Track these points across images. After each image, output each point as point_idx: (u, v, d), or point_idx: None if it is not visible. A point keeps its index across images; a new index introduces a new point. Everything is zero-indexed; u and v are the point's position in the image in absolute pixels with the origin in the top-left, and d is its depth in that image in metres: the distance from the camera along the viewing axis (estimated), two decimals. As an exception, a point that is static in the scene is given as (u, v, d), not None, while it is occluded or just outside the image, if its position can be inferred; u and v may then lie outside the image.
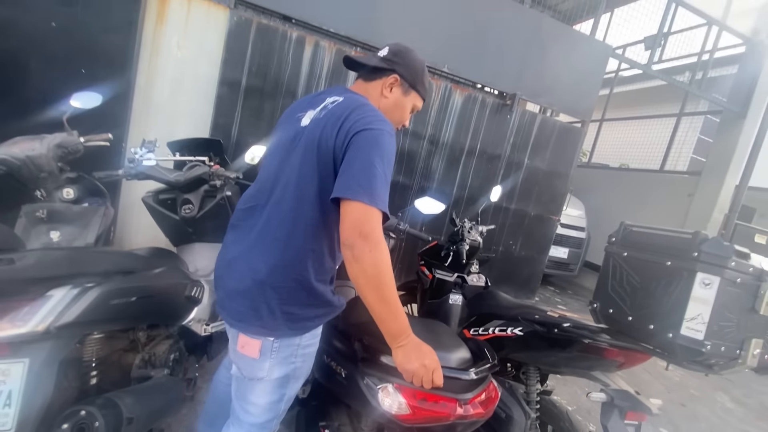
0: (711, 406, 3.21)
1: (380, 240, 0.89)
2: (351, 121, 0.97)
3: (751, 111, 4.71)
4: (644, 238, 1.27)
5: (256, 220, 1.04)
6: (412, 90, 1.18)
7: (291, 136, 1.08)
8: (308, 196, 0.98)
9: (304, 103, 1.17)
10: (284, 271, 0.98)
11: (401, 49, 1.17)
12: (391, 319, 0.91)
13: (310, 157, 0.99)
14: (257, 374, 1.02)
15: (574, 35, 3.83)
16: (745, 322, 1.08)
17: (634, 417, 1.36)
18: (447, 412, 0.98)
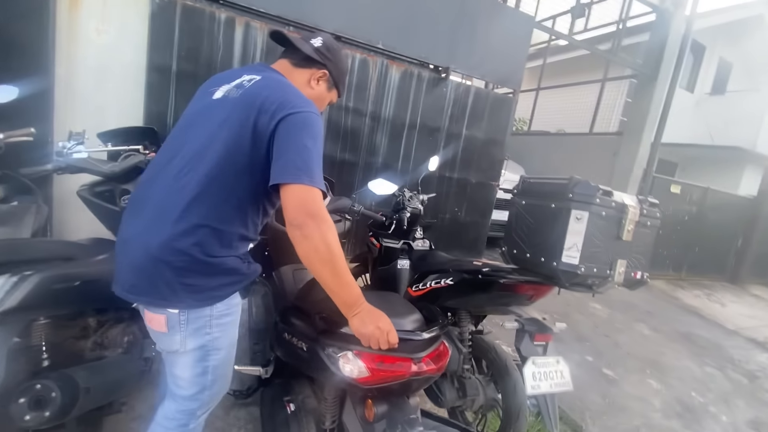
0: (631, 335, 3.71)
1: (326, 216, 0.92)
2: (275, 103, 0.98)
3: (661, 74, 5.21)
4: (536, 187, 1.50)
5: (153, 193, 1.01)
6: (335, 87, 1.26)
7: (199, 110, 1.08)
8: (216, 173, 0.97)
9: (219, 78, 1.17)
10: (178, 246, 0.95)
11: (334, 46, 1.22)
12: (345, 290, 0.95)
13: (224, 134, 0.98)
14: (171, 347, 1.03)
15: (499, 8, 4.03)
16: (611, 247, 1.34)
17: (542, 338, 1.62)
18: (403, 371, 1.04)
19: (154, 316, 1.01)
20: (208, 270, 0.99)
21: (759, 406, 2.97)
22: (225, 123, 0.99)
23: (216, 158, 0.97)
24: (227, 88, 1.07)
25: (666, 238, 6.15)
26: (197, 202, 0.96)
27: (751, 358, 3.82)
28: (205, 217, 0.96)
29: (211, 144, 0.98)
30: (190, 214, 0.95)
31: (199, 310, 1.01)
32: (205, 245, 0.97)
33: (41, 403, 1.08)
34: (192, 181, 0.97)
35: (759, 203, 7.19)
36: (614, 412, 2.44)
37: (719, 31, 9.43)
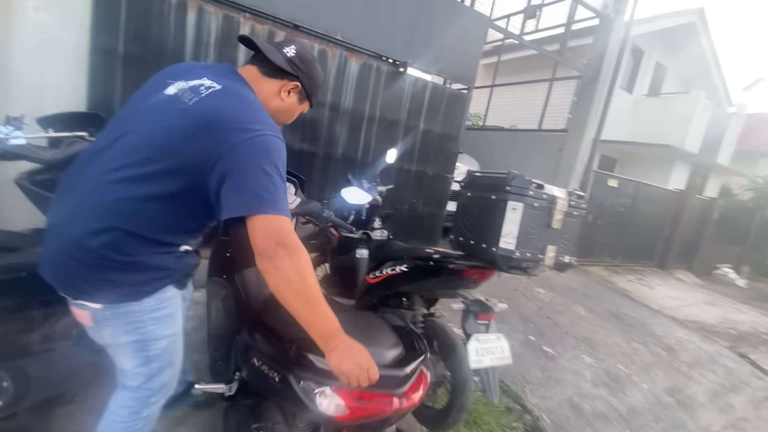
0: (569, 316, 4.06)
1: (298, 245, 0.87)
2: (231, 124, 0.89)
3: (603, 75, 5.63)
4: (480, 180, 1.64)
5: (80, 182, 0.95)
6: (307, 99, 1.19)
7: (148, 103, 0.99)
8: (149, 183, 0.89)
9: (177, 70, 1.06)
10: (88, 244, 0.88)
11: (309, 57, 1.14)
12: (321, 323, 0.89)
13: (167, 144, 0.90)
14: (102, 339, 1.00)
15: (456, 6, 4.17)
16: (543, 234, 1.51)
17: (484, 317, 1.78)
18: (383, 408, 1.00)
19: (79, 312, 0.97)
20: (128, 267, 0.92)
21: (675, 375, 3.39)
22: (171, 132, 0.90)
23: (153, 167, 0.89)
24: (182, 86, 0.97)
25: (604, 227, 6.70)
26: (120, 206, 0.89)
27: (671, 334, 4.32)
28: (125, 222, 0.89)
29: (151, 149, 0.90)
30: (108, 215, 0.89)
31: (124, 306, 0.95)
32: (122, 246, 0.90)
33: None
34: (120, 183, 0.89)
35: (685, 197, 7.99)
36: (551, 384, 2.71)
37: (656, 37, 10.26)
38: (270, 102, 1.09)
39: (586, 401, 2.62)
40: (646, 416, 2.66)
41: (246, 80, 1.05)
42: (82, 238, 0.88)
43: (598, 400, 2.67)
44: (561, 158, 6.02)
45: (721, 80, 11.78)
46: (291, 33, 3.30)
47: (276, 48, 1.11)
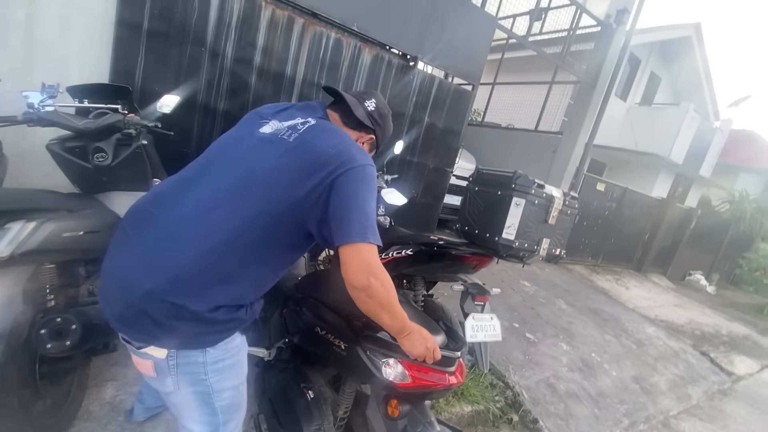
0: (551, 308, 4.35)
1: (383, 269, 0.91)
2: (335, 156, 0.93)
3: (600, 81, 5.86)
4: (488, 177, 1.84)
5: (164, 219, 0.90)
6: (375, 150, 1.28)
7: (246, 143, 1.01)
8: (253, 223, 0.90)
9: (268, 111, 1.12)
10: (173, 300, 0.84)
11: (385, 112, 1.24)
12: (398, 323, 0.99)
13: (275, 182, 0.91)
14: (165, 389, 0.96)
15: (467, 6, 4.30)
16: (540, 228, 1.72)
17: (481, 299, 2.00)
18: (437, 381, 1.15)
19: (140, 362, 0.94)
20: (201, 320, 0.87)
21: (641, 365, 3.72)
22: (277, 169, 0.93)
23: (258, 207, 0.90)
24: (278, 126, 1.02)
25: (589, 228, 7.02)
26: (215, 254, 0.87)
27: (641, 330, 4.66)
28: (220, 270, 0.88)
29: (255, 189, 0.91)
30: (202, 266, 0.86)
31: (189, 356, 0.92)
32: (207, 298, 0.87)
33: (62, 333, 1.23)
34: (218, 225, 0.88)
35: (666, 204, 8.37)
36: (531, 366, 2.97)
37: (653, 48, 10.54)
38: None
39: (561, 382, 2.89)
40: (613, 399, 2.95)
41: (332, 122, 1.14)
42: (168, 293, 0.84)
43: (572, 383, 2.95)
44: (554, 160, 6.27)
45: (711, 95, 12.18)
46: (309, 20, 3.41)
47: (358, 101, 1.19)
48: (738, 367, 4.48)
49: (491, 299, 2.03)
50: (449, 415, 2.22)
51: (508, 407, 2.53)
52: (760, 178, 13.91)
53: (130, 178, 1.85)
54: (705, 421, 3.15)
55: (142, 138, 1.85)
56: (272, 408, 1.48)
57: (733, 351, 5.00)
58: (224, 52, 3.16)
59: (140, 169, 1.86)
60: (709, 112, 12.45)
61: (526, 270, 5.42)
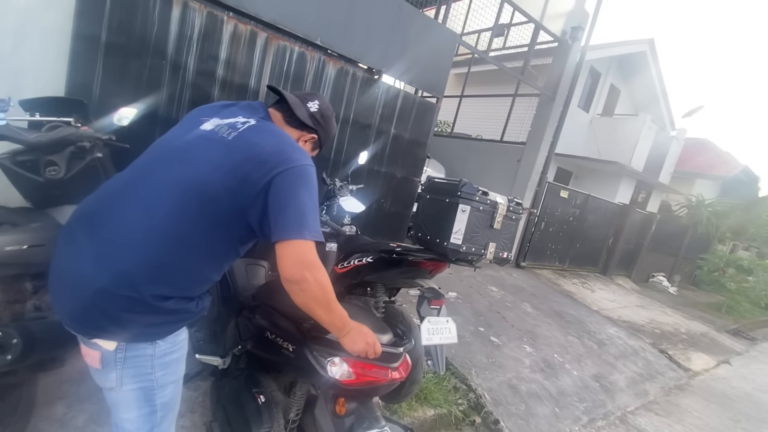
0: (517, 312, 4.48)
1: (320, 264, 0.94)
2: (272, 155, 0.97)
3: (558, 95, 6.15)
4: (437, 185, 1.93)
5: (111, 217, 0.94)
6: (317, 149, 1.32)
7: (186, 139, 1.05)
8: (194, 215, 0.94)
9: (210, 109, 1.16)
10: (124, 292, 0.88)
11: (328, 113, 1.28)
12: (337, 320, 1.02)
13: (211, 177, 0.95)
14: (107, 384, 0.97)
15: (430, 22, 4.48)
16: (486, 233, 1.81)
17: (437, 303, 2.06)
18: (382, 378, 1.20)
19: (88, 352, 0.95)
20: (154, 311, 0.92)
21: (602, 365, 3.87)
22: (213, 165, 0.96)
23: (198, 203, 0.94)
24: (218, 123, 1.06)
25: (555, 234, 7.28)
26: (162, 248, 0.92)
27: (604, 331, 4.85)
28: (167, 262, 0.92)
29: (194, 183, 0.95)
30: (150, 260, 0.90)
31: (138, 348, 0.95)
32: (158, 289, 0.91)
33: (3, 348, 1.21)
34: (163, 222, 0.92)
35: (627, 210, 8.79)
36: (494, 368, 3.06)
37: (612, 62, 11.16)
38: None
39: (522, 383, 2.99)
40: (573, 397, 3.07)
41: (273, 122, 1.17)
42: (119, 285, 0.88)
43: (533, 383, 3.05)
44: (519, 169, 6.51)
45: (667, 106, 12.96)
46: (273, 35, 3.47)
47: (301, 101, 1.23)
48: (695, 363, 4.71)
49: (455, 304, 2.11)
50: (412, 420, 2.27)
51: (471, 410, 2.59)
52: (715, 184, 14.80)
53: (84, 191, 1.84)
54: (661, 415, 3.31)
55: (96, 151, 1.83)
56: (225, 414, 1.50)
57: (690, 348, 5.26)
58: (186, 65, 3.17)
59: (95, 183, 1.85)
60: (666, 122, 13.20)
61: (494, 275, 5.57)
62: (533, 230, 6.75)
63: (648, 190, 12.97)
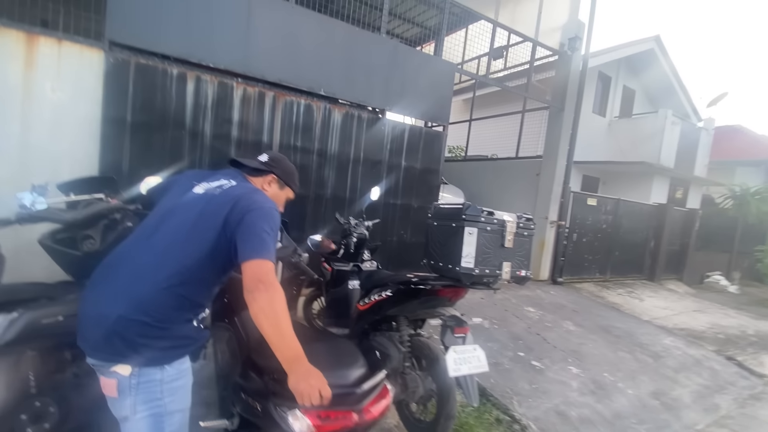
0: (558, 331, 4.24)
1: (274, 282, 1.08)
2: (244, 202, 1.23)
3: (567, 104, 6.12)
4: (442, 211, 1.93)
5: (129, 260, 1.18)
6: (286, 186, 1.56)
7: (184, 200, 1.30)
8: (192, 250, 1.17)
9: (200, 176, 1.44)
10: (146, 307, 1.08)
11: (278, 156, 1.57)
12: (286, 348, 1.05)
13: (202, 222, 1.20)
14: (122, 412, 1.09)
15: (425, 57, 4.67)
16: (498, 253, 1.78)
17: (460, 331, 2.01)
18: (345, 423, 1.15)
19: (107, 381, 1.09)
20: (163, 335, 1.09)
21: (660, 380, 3.55)
22: (204, 213, 1.23)
23: (194, 240, 1.18)
24: (208, 186, 1.34)
25: (589, 245, 6.97)
26: (169, 281, 1.12)
27: (658, 342, 4.49)
28: (172, 294, 1.12)
29: (191, 229, 1.21)
30: (159, 290, 1.11)
31: (149, 374, 1.08)
32: (165, 313, 1.11)
33: (41, 417, 1.28)
34: (168, 260, 1.15)
35: (664, 209, 8.34)
36: (539, 395, 2.87)
37: (620, 64, 11.04)
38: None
39: (572, 408, 2.78)
40: (631, 419, 2.81)
41: (246, 179, 1.47)
42: (146, 303, 1.08)
43: (584, 407, 2.83)
44: (539, 182, 6.39)
45: (687, 98, 12.52)
46: (279, 92, 3.72)
47: (254, 159, 1.55)
48: (770, 368, 4.24)
49: (490, 329, 2.05)
50: (454, 459, 2.15)
51: (518, 442, 2.43)
52: (758, 170, 13.85)
53: (119, 258, 1.98)
54: (738, 431, 2.96)
55: (127, 221, 1.98)
56: None
57: (763, 351, 4.75)
58: (203, 131, 3.43)
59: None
60: (689, 113, 12.72)
61: (529, 295, 5.34)
62: (565, 243, 6.51)
63: (684, 186, 12.29)
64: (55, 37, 2.88)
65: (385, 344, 2.22)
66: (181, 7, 3.21)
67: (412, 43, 5.95)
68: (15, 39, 2.75)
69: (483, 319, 4.01)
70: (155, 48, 3.18)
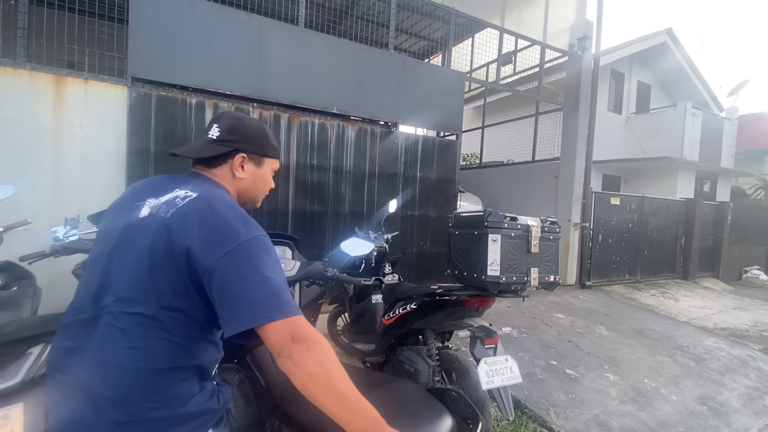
0: (591, 337, 4.09)
1: (317, 338, 0.81)
2: (212, 235, 0.84)
3: (581, 104, 6.03)
4: (464, 219, 1.91)
5: (85, 341, 0.85)
6: (264, 158, 1.11)
7: (123, 230, 0.92)
8: (154, 315, 0.83)
9: (145, 188, 1.02)
10: (136, 401, 0.81)
11: (233, 123, 1.07)
12: (358, 418, 0.78)
13: (154, 269, 0.84)
14: None
15: (433, 68, 4.70)
16: (524, 259, 1.74)
17: (490, 342, 1.96)
18: None
19: None
20: (171, 421, 0.84)
21: (705, 383, 3.36)
22: (153, 254, 0.85)
23: (149, 301, 0.84)
24: (155, 204, 0.92)
25: (616, 245, 6.76)
26: (142, 360, 0.82)
27: (699, 344, 4.26)
28: (156, 373, 0.83)
29: (140, 281, 0.85)
30: (138, 375, 0.82)
31: None
32: (166, 401, 0.83)
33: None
34: (130, 337, 0.83)
35: (692, 204, 8.03)
36: (576, 405, 2.76)
37: (633, 60, 10.85)
38: (234, 188, 1.07)
39: (613, 418, 2.65)
40: (678, 427, 2.66)
41: (210, 178, 1.04)
42: (133, 398, 0.81)
43: (626, 416, 2.70)
44: (558, 185, 6.28)
45: (705, 88, 12.17)
46: (294, 114, 3.80)
47: (202, 141, 1.07)
48: (825, 366, 3.96)
49: (519, 338, 1.99)
50: (492, 476, 2.07)
51: (558, 456, 2.32)
52: (789, 157, 13.25)
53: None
54: (797, 436, 2.76)
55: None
56: None
57: (815, 348, 4.46)
58: (222, 156, 3.52)
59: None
60: (709, 103, 12.33)
61: (557, 301, 5.19)
62: (590, 245, 6.32)
63: (712, 178, 11.85)
64: (81, 77, 3.03)
65: (413, 359, 2.18)
66: (197, 40, 3.35)
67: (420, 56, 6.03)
68: (45, 81, 2.91)
69: (512, 329, 3.91)
70: (174, 80, 3.31)
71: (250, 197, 1.14)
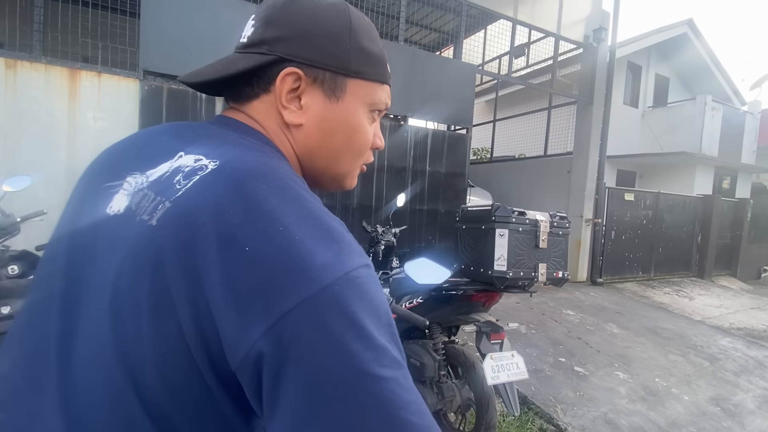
0: (601, 335, 4.03)
1: None
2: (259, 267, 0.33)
3: (596, 97, 5.90)
4: (471, 213, 1.89)
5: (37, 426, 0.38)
6: (349, 78, 0.49)
7: (78, 250, 0.43)
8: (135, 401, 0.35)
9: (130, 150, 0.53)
10: None
11: (281, 6, 0.47)
12: None
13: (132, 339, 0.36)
14: None
15: (444, 61, 4.64)
16: (532, 254, 1.71)
17: (496, 337, 1.94)
18: None
19: None
20: None
21: (719, 384, 3.29)
22: (123, 317, 0.37)
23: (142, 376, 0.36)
24: (138, 186, 0.43)
25: (630, 242, 6.63)
26: None
27: (714, 343, 4.17)
28: None
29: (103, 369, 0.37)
30: None
31: None
32: None
33: None
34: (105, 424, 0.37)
35: (710, 200, 7.82)
36: (584, 402, 2.73)
37: (651, 52, 10.56)
38: (292, 139, 0.50)
39: (622, 417, 2.62)
40: (689, 428, 2.61)
41: (246, 127, 0.48)
42: None
43: (635, 415, 2.66)
44: (571, 179, 6.17)
45: (727, 81, 11.78)
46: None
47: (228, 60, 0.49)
48: None
49: (527, 335, 1.97)
50: (497, 471, 2.06)
51: (565, 453, 2.31)
52: (814, 153, 12.78)
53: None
54: (815, 440, 2.69)
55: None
56: None
57: (836, 351, 4.32)
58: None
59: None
60: (731, 97, 11.95)
61: (568, 297, 5.13)
62: (603, 241, 6.22)
63: (731, 174, 11.52)
64: (95, 70, 3.08)
65: (418, 353, 2.18)
66: (208, 33, 3.36)
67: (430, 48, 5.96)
68: (59, 75, 2.96)
69: (519, 324, 3.88)
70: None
71: (324, 166, 0.54)
